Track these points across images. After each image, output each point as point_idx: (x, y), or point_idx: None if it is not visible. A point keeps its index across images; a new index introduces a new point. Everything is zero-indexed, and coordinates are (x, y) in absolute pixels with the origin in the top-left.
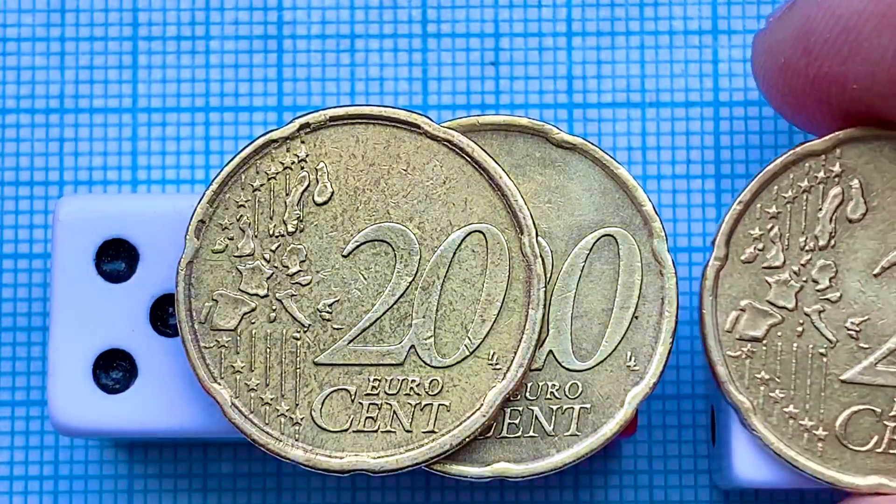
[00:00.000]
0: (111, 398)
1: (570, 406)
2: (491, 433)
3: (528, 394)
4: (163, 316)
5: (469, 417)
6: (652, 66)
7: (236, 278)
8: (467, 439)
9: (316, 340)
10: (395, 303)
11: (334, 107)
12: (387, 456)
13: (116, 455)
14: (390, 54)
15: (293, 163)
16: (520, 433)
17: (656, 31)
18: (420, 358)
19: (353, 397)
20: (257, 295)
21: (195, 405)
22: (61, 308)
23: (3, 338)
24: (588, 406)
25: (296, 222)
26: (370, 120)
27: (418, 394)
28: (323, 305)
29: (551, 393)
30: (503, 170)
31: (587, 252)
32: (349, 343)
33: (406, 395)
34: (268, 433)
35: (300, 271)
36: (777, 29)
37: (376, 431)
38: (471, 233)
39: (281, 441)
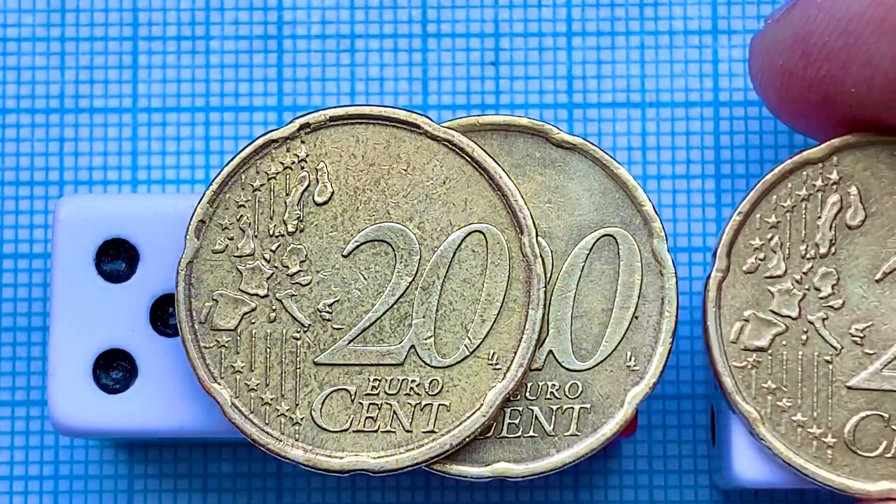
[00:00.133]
0: (111, 398)
1: (570, 406)
2: (491, 433)
3: (528, 394)
4: (163, 316)
5: (469, 417)
6: (652, 66)
7: (236, 278)
8: (467, 439)
9: (316, 340)
10: (395, 303)
11: (334, 107)
12: (387, 456)
13: (116, 455)
14: (390, 54)
15: (293, 163)
16: (520, 433)
17: (656, 31)
18: (420, 358)
19: (353, 397)
20: (257, 295)
21: (195, 405)
22: (61, 308)
23: (3, 338)
24: (588, 406)
25: (296, 222)
26: (370, 120)
27: (418, 394)
28: (323, 305)
29: (551, 393)
30: (503, 170)
31: (587, 252)
32: (349, 343)
33: (406, 395)
34: (268, 433)
35: (300, 271)
36: (775, 31)
37: (376, 431)
38: (471, 233)
39: (281, 441)
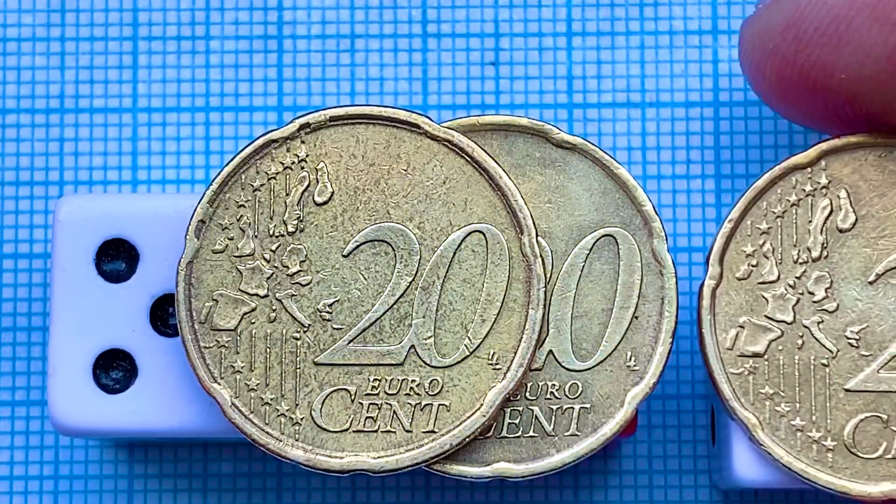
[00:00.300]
0: (111, 398)
1: (570, 406)
2: (491, 433)
3: (528, 394)
4: (163, 316)
5: (469, 417)
6: (652, 66)
7: (236, 278)
8: (467, 439)
9: (316, 340)
10: (395, 303)
11: (334, 107)
12: (387, 456)
13: (116, 455)
14: (390, 54)
15: (293, 163)
16: (520, 433)
17: (656, 31)
18: (420, 358)
19: (353, 397)
20: (257, 295)
21: (195, 405)
22: (61, 308)
23: (3, 338)
24: (588, 406)
25: (296, 222)
26: (370, 120)
27: (418, 394)
28: (323, 305)
29: (551, 393)
30: (503, 170)
31: (587, 252)
32: (349, 343)
33: (406, 395)
34: (268, 433)
35: (300, 271)
36: (767, 15)
37: (376, 431)
38: (471, 233)
39: (281, 441)
